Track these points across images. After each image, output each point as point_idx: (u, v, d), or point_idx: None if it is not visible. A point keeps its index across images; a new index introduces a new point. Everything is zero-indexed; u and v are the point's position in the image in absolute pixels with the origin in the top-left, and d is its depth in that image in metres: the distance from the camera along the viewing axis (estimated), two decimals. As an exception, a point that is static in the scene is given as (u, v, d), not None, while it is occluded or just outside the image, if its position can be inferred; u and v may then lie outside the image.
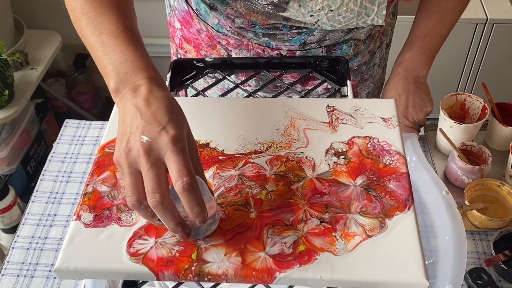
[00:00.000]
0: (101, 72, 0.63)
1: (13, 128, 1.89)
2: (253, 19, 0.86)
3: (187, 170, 0.53)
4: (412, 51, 1.02)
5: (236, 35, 0.91)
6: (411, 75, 1.03)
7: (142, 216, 0.57)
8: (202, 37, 0.95)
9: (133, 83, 0.59)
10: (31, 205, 1.06)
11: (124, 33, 0.63)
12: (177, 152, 0.53)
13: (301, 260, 0.56)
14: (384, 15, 0.82)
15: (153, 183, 0.53)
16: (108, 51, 0.61)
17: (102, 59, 0.62)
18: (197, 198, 0.53)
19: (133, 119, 0.56)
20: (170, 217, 0.54)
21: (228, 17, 0.88)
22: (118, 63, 0.60)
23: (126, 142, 0.55)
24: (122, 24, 0.63)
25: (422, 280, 0.54)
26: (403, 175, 0.64)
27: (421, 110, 1.05)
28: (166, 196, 0.53)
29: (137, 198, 0.54)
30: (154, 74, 0.60)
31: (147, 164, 0.53)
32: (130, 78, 0.59)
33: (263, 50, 0.91)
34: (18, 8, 2.14)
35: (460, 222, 0.86)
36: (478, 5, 2.00)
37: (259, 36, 0.89)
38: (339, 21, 0.82)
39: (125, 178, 0.55)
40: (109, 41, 0.62)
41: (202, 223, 0.55)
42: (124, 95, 0.59)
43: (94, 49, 0.63)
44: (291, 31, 0.87)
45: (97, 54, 0.63)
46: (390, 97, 1.03)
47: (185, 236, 0.56)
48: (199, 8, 0.92)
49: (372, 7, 0.81)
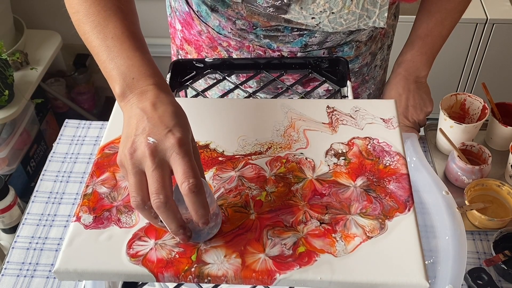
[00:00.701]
0: (105, 76, 0.63)
1: (13, 128, 1.89)
2: (254, 21, 0.86)
3: (193, 172, 0.53)
4: (412, 51, 1.02)
5: (237, 36, 0.91)
6: (411, 75, 1.03)
7: (145, 217, 0.57)
8: (203, 39, 0.95)
9: (140, 89, 0.59)
10: (31, 205, 1.06)
11: (130, 38, 0.63)
12: (183, 154, 0.54)
13: (301, 262, 0.56)
14: (386, 17, 0.82)
15: (157, 184, 0.53)
16: (114, 56, 0.61)
17: (107, 63, 0.62)
18: (202, 200, 0.54)
19: (139, 122, 0.56)
20: (172, 219, 0.54)
21: (229, 19, 0.88)
22: (125, 68, 0.60)
23: (132, 143, 0.55)
24: (127, 29, 0.64)
25: (422, 281, 0.54)
26: (403, 176, 0.64)
27: (421, 110, 1.05)
28: (170, 197, 0.53)
29: (141, 198, 0.54)
30: (160, 81, 0.60)
31: (152, 165, 0.53)
32: (137, 84, 0.59)
33: (264, 51, 0.91)
34: (18, 8, 2.14)
35: (460, 222, 0.86)
36: (478, 5, 2.00)
37: (260, 38, 0.89)
38: (340, 23, 0.82)
39: (130, 179, 0.55)
40: (115, 46, 0.62)
41: (205, 225, 0.55)
42: (130, 100, 0.59)
43: (98, 53, 0.63)
44: (293, 33, 0.87)
45: (101, 58, 0.63)
46: (391, 97, 1.03)
47: (186, 239, 0.56)
48: (200, 9, 0.92)
49: (374, 9, 0.81)
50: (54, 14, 2.21)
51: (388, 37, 1.03)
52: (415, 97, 1.04)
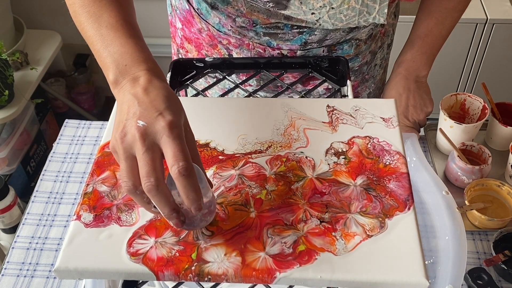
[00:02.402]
0: (100, 65, 0.63)
1: (13, 128, 1.89)
2: (254, 18, 0.86)
3: (183, 155, 0.52)
4: (413, 51, 1.02)
5: (237, 34, 0.91)
6: (411, 75, 1.03)
7: (138, 202, 0.56)
8: (203, 37, 0.96)
9: (133, 75, 0.59)
10: (31, 205, 1.06)
11: (124, 27, 0.63)
12: (173, 137, 0.53)
13: (301, 260, 0.56)
14: (386, 13, 0.82)
15: (148, 167, 0.52)
16: (107, 44, 0.62)
17: (101, 51, 0.62)
18: (193, 183, 0.53)
19: (131, 107, 0.56)
20: (164, 202, 0.53)
21: (229, 16, 0.88)
22: (118, 55, 0.60)
23: (122, 127, 0.55)
24: (121, 18, 0.64)
25: (422, 280, 0.54)
26: (403, 175, 0.64)
27: (421, 110, 1.05)
28: (161, 180, 0.52)
29: (132, 183, 0.53)
30: (153, 66, 0.60)
31: (142, 148, 0.53)
32: (129, 70, 0.59)
33: (264, 49, 0.91)
34: (18, 8, 2.14)
35: (460, 222, 0.86)
36: (478, 5, 2.00)
37: (260, 36, 0.89)
38: (340, 19, 0.82)
39: (121, 164, 0.54)
40: (109, 34, 0.62)
41: (198, 211, 0.54)
42: (123, 86, 0.59)
43: (93, 42, 0.63)
44: (292, 31, 0.87)
45: (96, 47, 0.63)
46: (391, 97, 1.03)
47: (180, 223, 0.55)
48: (200, 7, 0.92)
49: (374, 5, 0.81)
50: (54, 14, 2.21)
51: (388, 36, 1.03)
52: (416, 97, 1.04)
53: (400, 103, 1.03)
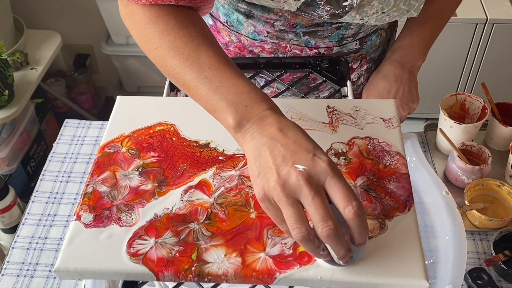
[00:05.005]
0: (207, 110, 0.60)
1: (13, 128, 1.89)
2: (297, 21, 0.85)
3: (353, 195, 0.51)
4: (412, 36, 0.97)
5: (274, 39, 0.89)
6: (408, 63, 0.98)
7: (308, 249, 0.53)
8: (230, 50, 0.94)
9: (257, 115, 0.56)
10: (31, 205, 1.06)
11: (227, 66, 0.60)
12: (338, 177, 0.52)
13: (301, 261, 0.56)
14: (421, 9, 0.81)
15: (322, 211, 0.50)
16: (217, 86, 0.59)
17: (210, 95, 0.59)
18: (366, 221, 0.52)
19: (274, 150, 0.53)
20: (342, 245, 0.52)
21: (267, 22, 0.86)
22: (233, 96, 0.58)
23: (277, 174, 0.52)
24: (221, 57, 0.61)
25: (422, 281, 0.54)
26: (403, 175, 0.64)
27: (407, 105, 0.99)
28: (337, 223, 0.51)
29: (306, 228, 0.51)
30: (273, 104, 0.58)
31: (310, 192, 0.51)
32: (251, 111, 0.57)
33: (301, 50, 0.90)
34: (18, 8, 2.14)
35: (460, 222, 0.86)
36: (478, 5, 2.00)
37: (299, 36, 0.88)
38: (384, 19, 0.81)
39: (286, 211, 0.52)
40: (215, 76, 0.59)
41: (362, 246, 0.54)
42: (249, 129, 0.56)
43: (196, 86, 0.60)
44: (331, 27, 0.87)
45: (201, 91, 0.60)
46: (380, 86, 0.98)
47: (349, 261, 0.54)
48: (229, 19, 0.90)
49: (415, 3, 0.80)
50: (54, 14, 2.21)
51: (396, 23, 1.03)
52: (405, 90, 0.98)
53: (389, 92, 0.98)
